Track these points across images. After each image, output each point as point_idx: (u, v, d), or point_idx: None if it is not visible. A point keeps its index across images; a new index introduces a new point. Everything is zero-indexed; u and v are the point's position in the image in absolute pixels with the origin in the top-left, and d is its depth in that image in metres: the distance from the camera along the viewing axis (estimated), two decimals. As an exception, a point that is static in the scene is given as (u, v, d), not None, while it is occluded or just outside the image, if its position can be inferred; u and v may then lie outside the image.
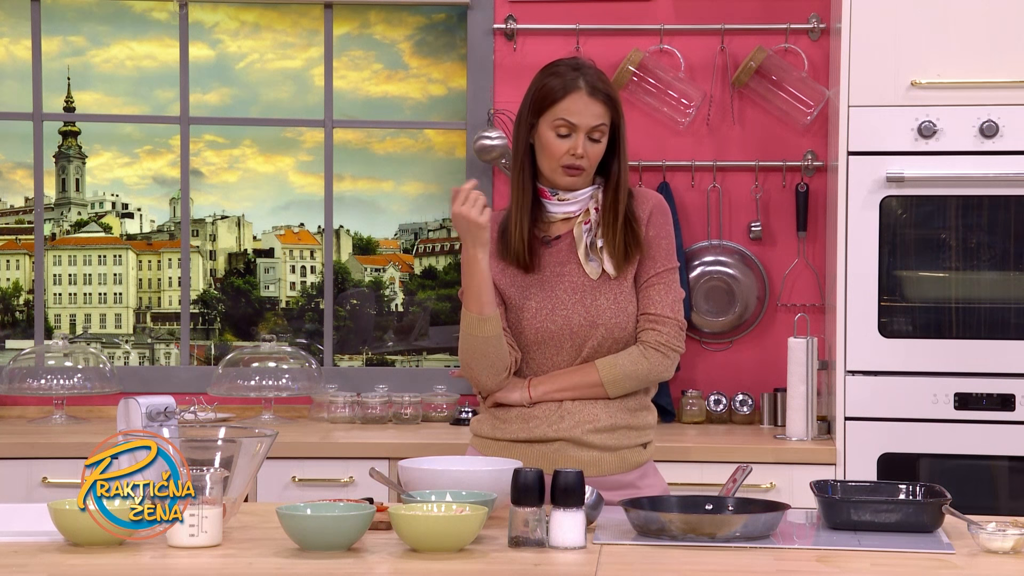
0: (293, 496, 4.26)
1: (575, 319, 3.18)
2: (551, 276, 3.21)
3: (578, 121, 3.15)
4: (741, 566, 2.57)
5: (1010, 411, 4.22)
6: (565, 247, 3.22)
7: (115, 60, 5.15)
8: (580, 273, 3.20)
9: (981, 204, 4.28)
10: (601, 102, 3.16)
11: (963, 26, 4.24)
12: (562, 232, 3.24)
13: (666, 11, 4.89)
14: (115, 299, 5.21)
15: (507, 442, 3.23)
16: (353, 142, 5.14)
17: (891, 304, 4.31)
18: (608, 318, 3.18)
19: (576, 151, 3.15)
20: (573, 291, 3.19)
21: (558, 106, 3.16)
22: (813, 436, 4.40)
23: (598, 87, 3.16)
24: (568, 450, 3.20)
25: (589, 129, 3.16)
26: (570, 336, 3.19)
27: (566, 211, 3.23)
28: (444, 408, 4.79)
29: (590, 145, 3.17)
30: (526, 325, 3.20)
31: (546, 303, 3.19)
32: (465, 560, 2.58)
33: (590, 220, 3.21)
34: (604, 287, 3.20)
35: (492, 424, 3.26)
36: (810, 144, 4.85)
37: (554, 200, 3.22)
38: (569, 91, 3.16)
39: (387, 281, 5.20)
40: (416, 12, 5.10)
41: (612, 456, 3.22)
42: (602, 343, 3.19)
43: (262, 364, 4.80)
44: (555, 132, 3.17)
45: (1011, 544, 2.66)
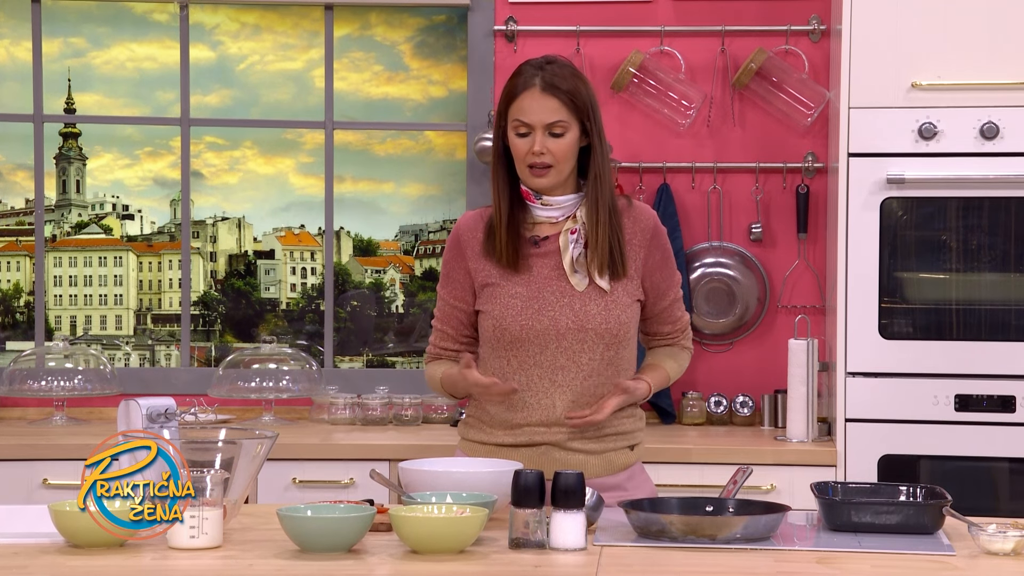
0: (293, 498, 4.26)
1: (563, 321, 3.17)
2: (539, 277, 3.21)
3: (531, 119, 3.14)
4: (741, 568, 2.57)
5: (1011, 413, 4.22)
6: (553, 250, 3.22)
7: (116, 61, 5.15)
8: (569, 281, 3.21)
9: (982, 206, 4.28)
10: (555, 97, 3.13)
11: (963, 27, 4.24)
12: (550, 234, 3.23)
13: (666, 12, 4.89)
14: (115, 301, 5.21)
15: (493, 446, 3.24)
16: (353, 144, 5.14)
17: (891, 306, 4.30)
18: (598, 323, 3.18)
19: (534, 148, 3.14)
20: (562, 294, 3.19)
21: (513, 105, 3.17)
22: (813, 438, 4.40)
23: (553, 83, 3.14)
24: (553, 453, 3.20)
25: (545, 126, 3.14)
26: (556, 337, 3.18)
27: (549, 215, 3.23)
28: (444, 410, 4.80)
29: (551, 141, 3.14)
30: (511, 322, 3.19)
31: (532, 302, 3.19)
32: (465, 562, 2.58)
33: (576, 230, 3.20)
34: (595, 296, 3.19)
35: (478, 428, 3.27)
36: (810, 145, 4.85)
37: (537, 204, 3.22)
38: (523, 89, 3.15)
39: (387, 283, 5.20)
40: (416, 14, 5.10)
41: (598, 459, 3.22)
42: (593, 347, 3.18)
43: (262, 366, 4.80)
44: (515, 132, 3.17)
45: (1012, 546, 2.66)
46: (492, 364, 3.24)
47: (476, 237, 3.26)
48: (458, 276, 3.28)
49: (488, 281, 3.23)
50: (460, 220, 3.32)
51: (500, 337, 3.21)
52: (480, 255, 3.24)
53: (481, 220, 3.27)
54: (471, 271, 3.25)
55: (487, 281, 3.23)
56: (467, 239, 3.26)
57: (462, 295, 3.28)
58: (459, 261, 3.27)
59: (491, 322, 3.22)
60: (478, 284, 3.25)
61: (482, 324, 3.25)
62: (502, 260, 3.21)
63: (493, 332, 3.22)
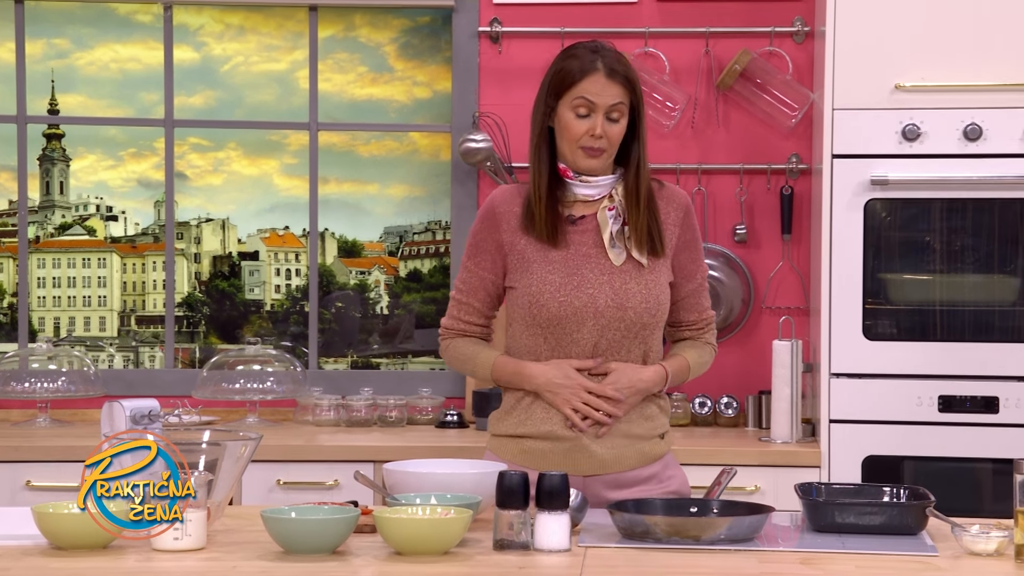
0: (278, 499, 4.25)
1: (601, 299, 3.16)
2: (576, 255, 3.19)
3: (597, 100, 3.16)
4: (726, 569, 2.57)
5: (994, 413, 4.23)
6: (591, 229, 3.21)
7: (99, 63, 5.14)
8: (607, 256, 3.20)
9: (965, 207, 4.29)
10: (619, 83, 3.18)
11: (947, 29, 4.25)
12: (587, 213, 3.22)
13: (651, 14, 4.89)
14: (99, 302, 5.20)
15: (526, 438, 3.20)
16: (338, 145, 5.14)
17: (875, 307, 4.31)
18: (637, 303, 3.16)
19: (595, 131, 3.16)
20: (600, 272, 3.18)
21: (577, 87, 3.17)
22: (798, 439, 4.40)
23: (616, 69, 3.18)
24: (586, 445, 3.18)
25: (608, 108, 3.17)
26: (593, 315, 3.15)
27: (587, 193, 3.22)
28: (429, 411, 4.79)
29: (609, 125, 3.17)
30: (548, 299, 3.16)
31: (571, 279, 3.17)
32: (450, 563, 2.58)
33: (615, 206, 3.21)
34: (634, 273, 3.18)
35: (508, 422, 3.24)
36: (795, 147, 4.86)
37: (576, 180, 3.22)
38: (588, 72, 3.17)
39: (372, 284, 5.20)
40: (401, 15, 5.10)
41: (631, 450, 3.21)
42: (630, 327, 3.17)
43: (247, 367, 4.80)
44: (574, 112, 3.18)
45: (995, 546, 2.67)
46: (523, 343, 3.22)
47: (512, 211, 3.23)
48: (489, 248, 3.25)
49: (523, 255, 3.20)
50: (495, 193, 3.29)
51: (535, 315, 3.17)
52: (516, 228, 3.22)
53: (518, 195, 3.25)
54: (504, 244, 3.23)
55: (522, 255, 3.21)
56: (503, 211, 3.24)
57: (492, 267, 3.25)
58: (491, 233, 3.24)
59: (526, 299, 3.19)
60: (511, 258, 3.22)
61: (515, 301, 3.22)
62: (541, 234, 3.19)
63: (528, 309, 3.18)
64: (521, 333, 3.22)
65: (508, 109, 4.90)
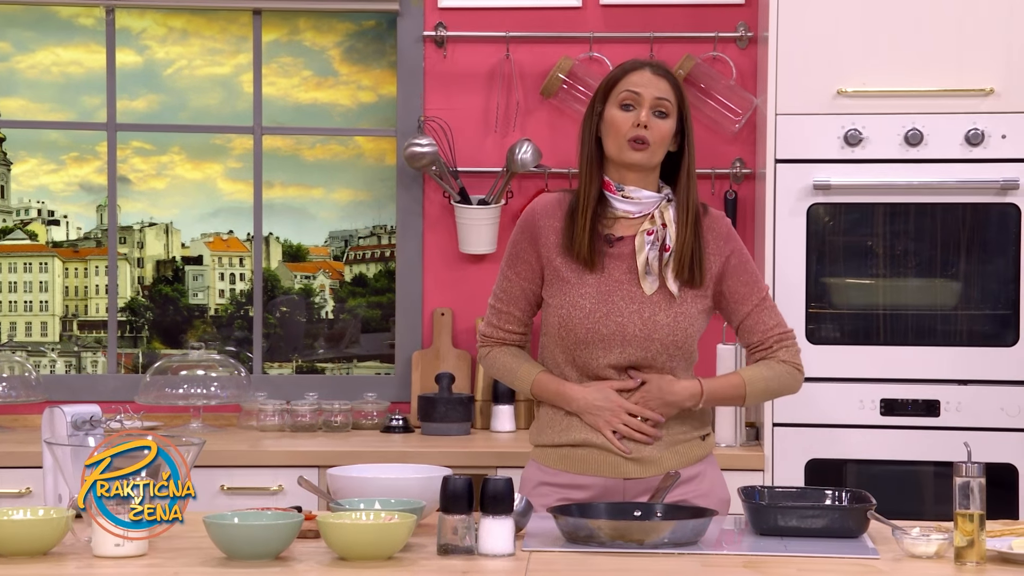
0: (222, 505, 4.23)
1: (630, 328, 3.17)
2: (609, 280, 3.20)
3: (643, 92, 3.19)
4: (669, 572, 2.58)
5: (935, 417, 4.26)
6: (627, 253, 3.21)
7: (40, 66, 5.10)
8: (639, 284, 3.20)
9: (907, 212, 4.32)
10: (665, 79, 3.22)
11: (889, 35, 4.28)
12: (625, 235, 3.23)
13: (595, 19, 4.91)
14: (41, 307, 5.16)
15: (569, 447, 3.22)
16: (283, 149, 5.12)
17: (818, 311, 4.34)
18: (664, 334, 3.18)
19: (640, 120, 3.17)
20: (631, 300, 3.19)
21: (623, 81, 3.22)
22: (742, 442, 4.42)
23: (663, 68, 3.24)
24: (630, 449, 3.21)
25: (654, 101, 3.18)
26: (621, 342, 3.17)
27: (627, 210, 3.22)
28: (374, 416, 4.78)
29: (654, 119, 3.18)
30: (578, 323, 3.18)
31: (601, 306, 3.18)
32: (394, 568, 2.58)
33: (654, 230, 3.20)
34: (663, 304, 3.19)
35: (549, 434, 3.26)
36: (739, 152, 4.88)
37: (618, 196, 3.22)
38: (634, 69, 3.23)
39: (317, 288, 5.18)
40: (346, 19, 5.09)
41: (670, 453, 3.22)
42: (656, 355, 3.19)
43: (190, 372, 4.77)
44: (620, 106, 3.20)
45: (934, 549, 2.69)
46: (553, 354, 3.25)
47: (552, 225, 3.24)
48: (528, 258, 3.26)
49: (559, 274, 3.22)
50: (536, 202, 3.30)
51: (564, 336, 3.20)
52: (555, 244, 3.23)
53: (559, 207, 3.26)
54: (542, 257, 3.24)
55: (558, 273, 3.22)
56: (543, 225, 3.25)
57: (531, 276, 3.26)
58: (531, 244, 3.25)
59: (556, 319, 3.21)
60: (548, 272, 3.24)
61: (548, 316, 3.24)
62: (579, 257, 3.20)
63: (558, 330, 3.21)
64: (552, 345, 3.26)
65: (453, 113, 4.89)
